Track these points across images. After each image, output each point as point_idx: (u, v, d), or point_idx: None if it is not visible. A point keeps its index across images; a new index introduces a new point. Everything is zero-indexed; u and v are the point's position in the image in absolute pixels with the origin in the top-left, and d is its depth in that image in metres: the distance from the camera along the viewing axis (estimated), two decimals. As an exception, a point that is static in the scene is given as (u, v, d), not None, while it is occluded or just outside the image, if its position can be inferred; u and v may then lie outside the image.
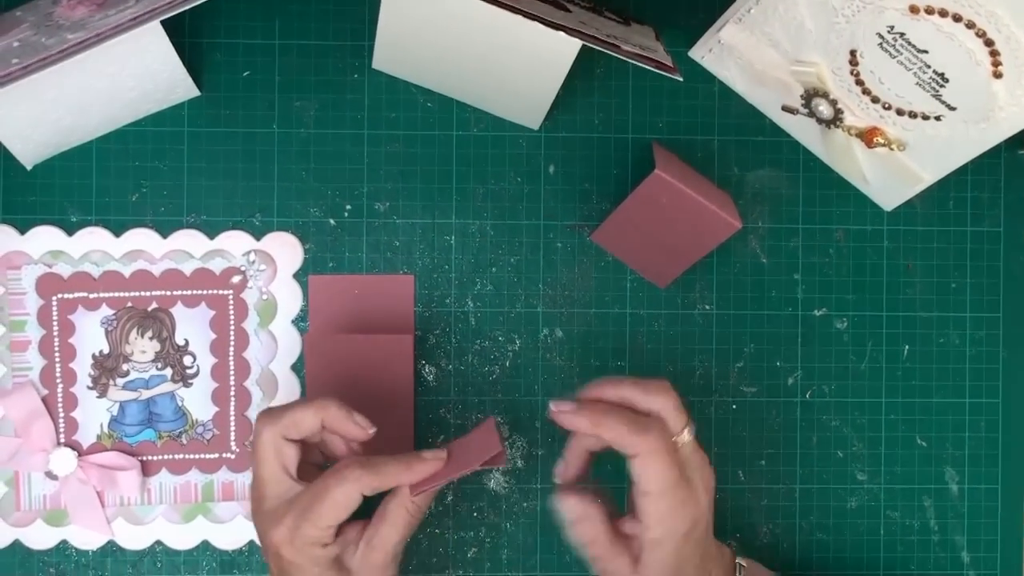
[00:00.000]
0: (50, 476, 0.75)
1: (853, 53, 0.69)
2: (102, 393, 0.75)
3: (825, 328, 0.79)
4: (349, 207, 0.76)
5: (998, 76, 0.64)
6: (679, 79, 0.69)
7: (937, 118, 0.69)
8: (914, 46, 0.66)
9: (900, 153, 0.73)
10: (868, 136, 0.73)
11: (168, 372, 0.75)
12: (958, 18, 0.63)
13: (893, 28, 0.66)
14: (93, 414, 0.75)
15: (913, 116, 0.70)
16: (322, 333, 0.76)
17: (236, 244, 0.76)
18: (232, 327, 0.76)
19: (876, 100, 0.71)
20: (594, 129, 0.78)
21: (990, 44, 0.63)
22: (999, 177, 0.80)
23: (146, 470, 0.75)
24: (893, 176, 0.75)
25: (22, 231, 0.75)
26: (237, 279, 0.76)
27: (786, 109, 0.76)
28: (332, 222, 0.76)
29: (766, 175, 0.79)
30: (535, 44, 0.67)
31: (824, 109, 0.74)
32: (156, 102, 0.75)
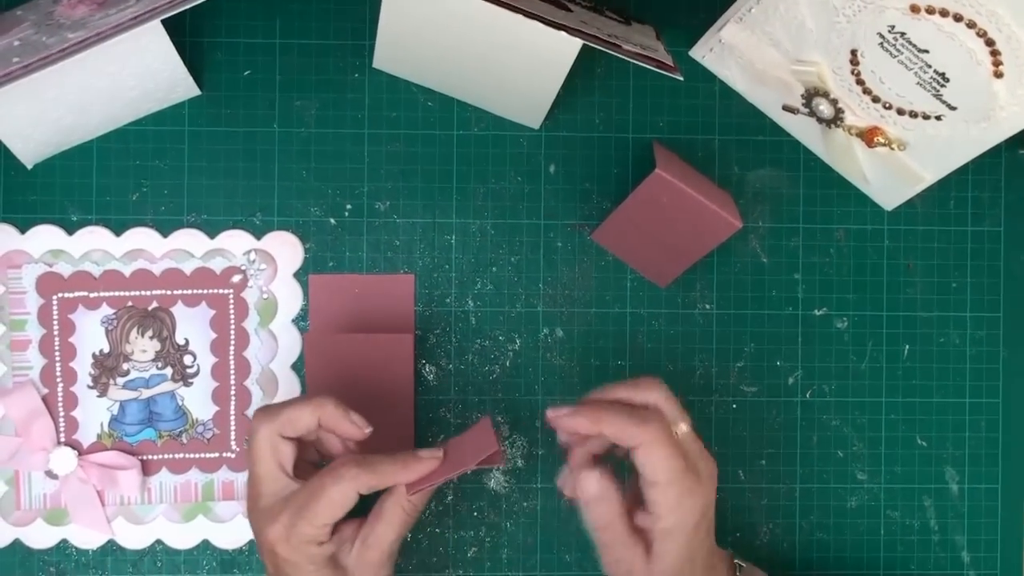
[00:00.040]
0: (50, 475, 0.75)
1: (854, 53, 0.69)
2: (102, 392, 0.75)
3: (825, 328, 0.79)
4: (349, 206, 0.76)
5: (999, 76, 0.64)
6: (680, 78, 0.69)
7: (938, 118, 0.69)
8: (915, 46, 0.66)
9: (901, 153, 0.73)
10: (869, 136, 0.73)
11: (168, 371, 0.75)
12: (959, 18, 0.63)
13: (894, 28, 0.66)
14: (93, 413, 0.75)
15: (914, 116, 0.70)
16: (322, 332, 0.75)
17: (236, 243, 0.76)
18: (232, 326, 0.76)
19: (877, 100, 0.71)
20: (595, 128, 0.78)
21: (991, 44, 0.63)
22: (1000, 177, 0.80)
23: (146, 469, 0.75)
24: (894, 176, 0.75)
25: (22, 230, 0.75)
26: (237, 278, 0.76)
27: (787, 108, 0.76)
28: (332, 221, 0.76)
29: (767, 174, 0.79)
30: (536, 43, 0.67)
31: (825, 109, 0.74)
32: (157, 101, 0.75)
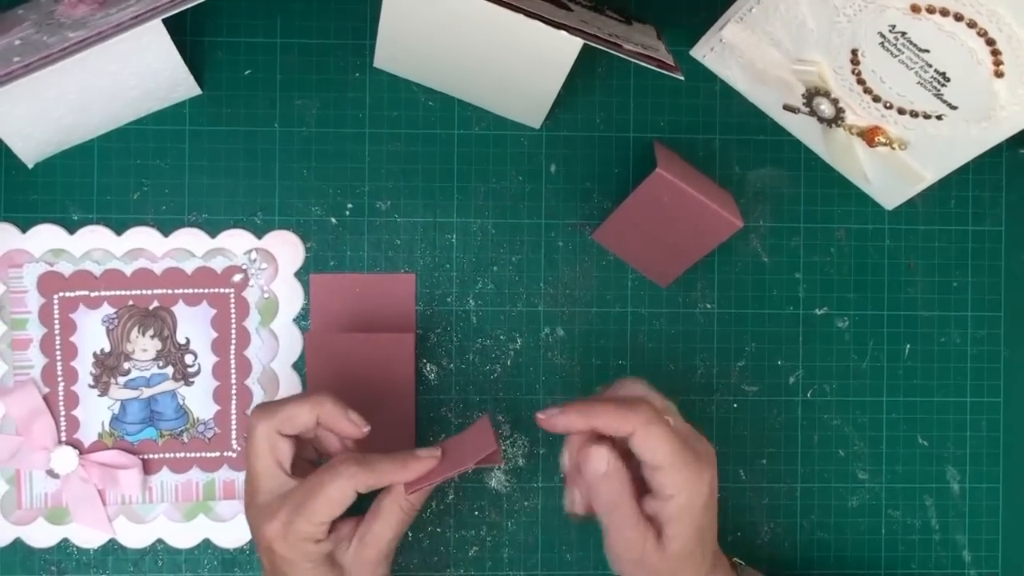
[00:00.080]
0: (51, 474, 0.75)
1: (855, 52, 0.69)
2: (103, 391, 0.75)
3: (826, 327, 0.79)
4: (350, 206, 0.76)
5: (999, 75, 0.64)
6: (680, 78, 0.69)
7: (938, 117, 0.69)
8: (915, 45, 0.66)
9: (901, 152, 0.73)
10: (869, 135, 0.73)
11: (169, 370, 0.75)
12: (959, 17, 0.63)
13: (895, 27, 0.66)
14: (94, 412, 0.75)
15: (914, 115, 0.70)
16: (323, 332, 0.75)
17: (237, 243, 0.76)
18: (233, 325, 0.76)
19: (877, 99, 0.71)
20: (595, 128, 0.78)
21: (991, 43, 0.63)
22: (1000, 176, 0.80)
23: (147, 468, 0.75)
24: (894, 175, 0.75)
25: (23, 229, 0.75)
26: (238, 278, 0.76)
27: (787, 108, 0.76)
28: (333, 220, 0.76)
29: (767, 174, 0.79)
30: (537, 43, 0.67)
31: (825, 108, 0.73)
32: (158, 100, 0.75)
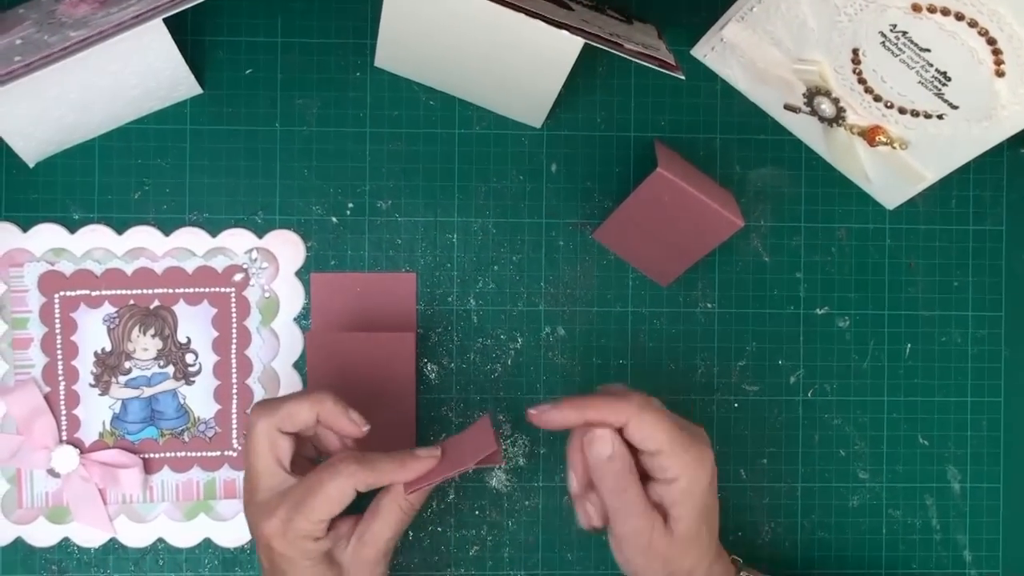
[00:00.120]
0: (52, 474, 0.75)
1: (855, 52, 0.69)
2: (104, 391, 0.75)
3: (827, 327, 0.79)
4: (351, 205, 0.76)
5: (1000, 75, 0.64)
6: (681, 77, 0.69)
7: (939, 117, 0.69)
8: (916, 45, 0.66)
9: (902, 152, 0.73)
10: (870, 135, 0.73)
11: (170, 370, 0.75)
12: (960, 17, 0.63)
13: (895, 27, 0.66)
14: (95, 412, 0.75)
15: (915, 115, 0.70)
16: (324, 331, 0.76)
17: (238, 242, 0.76)
18: (234, 325, 0.76)
19: (878, 99, 0.71)
20: (596, 127, 0.78)
21: (992, 43, 0.63)
22: (1001, 176, 0.80)
23: (148, 468, 0.75)
24: (895, 175, 0.75)
25: (24, 229, 0.75)
26: (239, 277, 0.76)
27: (788, 107, 0.76)
28: (334, 220, 0.76)
29: (768, 173, 0.79)
30: (537, 42, 0.67)
31: (826, 108, 0.73)
32: (159, 100, 0.75)
